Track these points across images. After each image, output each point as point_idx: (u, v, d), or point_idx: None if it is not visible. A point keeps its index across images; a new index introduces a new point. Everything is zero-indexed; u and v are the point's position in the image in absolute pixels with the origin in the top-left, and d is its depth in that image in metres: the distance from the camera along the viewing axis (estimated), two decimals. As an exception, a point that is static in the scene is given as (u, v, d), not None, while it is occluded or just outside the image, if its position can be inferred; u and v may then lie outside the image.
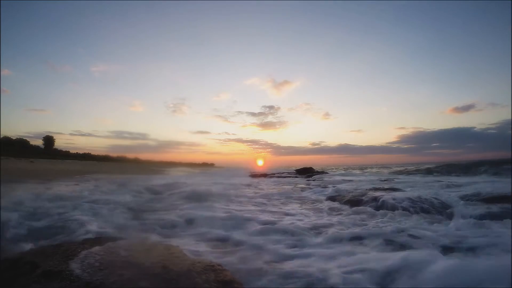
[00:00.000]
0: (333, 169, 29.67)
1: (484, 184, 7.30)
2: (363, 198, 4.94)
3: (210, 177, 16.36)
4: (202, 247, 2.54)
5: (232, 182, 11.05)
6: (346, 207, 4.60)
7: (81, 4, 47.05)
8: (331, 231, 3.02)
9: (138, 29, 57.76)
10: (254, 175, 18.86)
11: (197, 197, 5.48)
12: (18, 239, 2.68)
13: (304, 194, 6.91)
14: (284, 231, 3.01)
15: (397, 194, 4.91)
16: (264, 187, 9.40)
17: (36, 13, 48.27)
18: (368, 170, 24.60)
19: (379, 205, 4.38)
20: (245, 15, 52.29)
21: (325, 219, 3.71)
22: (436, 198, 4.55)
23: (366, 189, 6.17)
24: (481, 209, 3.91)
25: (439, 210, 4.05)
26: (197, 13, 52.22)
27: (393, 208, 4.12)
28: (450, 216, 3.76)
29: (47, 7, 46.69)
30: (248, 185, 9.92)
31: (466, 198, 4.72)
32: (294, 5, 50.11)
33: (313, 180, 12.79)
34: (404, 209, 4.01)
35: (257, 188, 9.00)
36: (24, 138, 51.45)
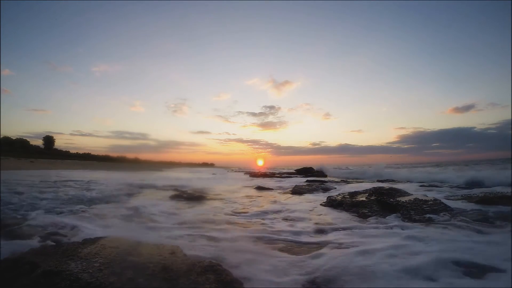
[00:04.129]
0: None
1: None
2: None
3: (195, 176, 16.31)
4: None
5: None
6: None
7: (81, 4, 47.06)
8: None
9: (139, 29, 57.86)
10: (254, 175, 18.85)
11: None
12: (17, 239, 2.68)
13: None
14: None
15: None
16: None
17: (36, 13, 48.30)
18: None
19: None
20: (246, 15, 52.33)
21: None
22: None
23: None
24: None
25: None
26: (197, 13, 52.27)
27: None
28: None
29: (47, 7, 46.69)
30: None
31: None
32: (295, 5, 50.15)
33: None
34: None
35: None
36: (24, 138, 51.61)
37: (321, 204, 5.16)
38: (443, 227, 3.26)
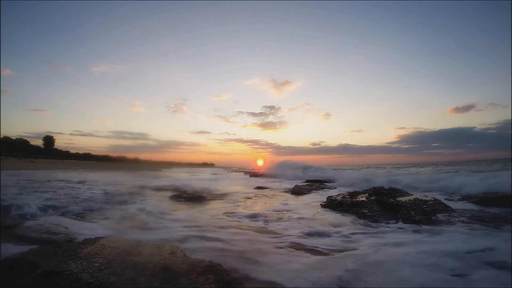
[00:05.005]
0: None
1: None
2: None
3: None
4: None
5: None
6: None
7: (81, 4, 47.09)
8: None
9: (139, 29, 58.14)
10: (254, 175, 18.87)
11: None
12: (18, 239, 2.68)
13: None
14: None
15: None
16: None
17: (36, 13, 48.35)
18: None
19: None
20: (246, 16, 52.47)
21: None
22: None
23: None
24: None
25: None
26: (197, 14, 52.41)
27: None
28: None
29: (47, 7, 46.73)
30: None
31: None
32: (295, 5, 50.21)
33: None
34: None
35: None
36: (24, 138, 51.63)
37: (321, 204, 5.16)
38: (444, 227, 3.26)
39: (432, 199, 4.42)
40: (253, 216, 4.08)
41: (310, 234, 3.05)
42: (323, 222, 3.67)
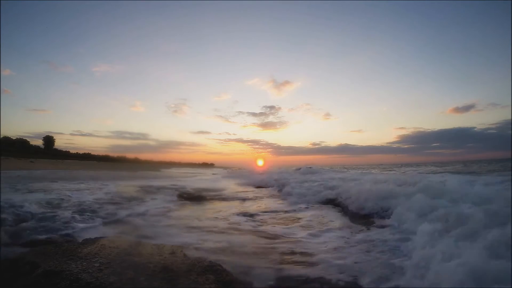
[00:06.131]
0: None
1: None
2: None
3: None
4: None
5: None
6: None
7: (81, 4, 47.02)
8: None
9: (139, 29, 57.89)
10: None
11: None
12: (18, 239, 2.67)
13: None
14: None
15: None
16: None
17: (37, 13, 48.33)
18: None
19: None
20: (246, 16, 52.27)
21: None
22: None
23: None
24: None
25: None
26: (197, 13, 52.21)
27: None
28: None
29: (47, 7, 46.70)
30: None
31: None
32: (295, 5, 50.17)
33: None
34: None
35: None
36: (24, 138, 51.55)
37: (320, 203, 5.20)
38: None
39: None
40: (255, 216, 4.08)
41: (318, 234, 3.05)
42: (330, 222, 3.67)
